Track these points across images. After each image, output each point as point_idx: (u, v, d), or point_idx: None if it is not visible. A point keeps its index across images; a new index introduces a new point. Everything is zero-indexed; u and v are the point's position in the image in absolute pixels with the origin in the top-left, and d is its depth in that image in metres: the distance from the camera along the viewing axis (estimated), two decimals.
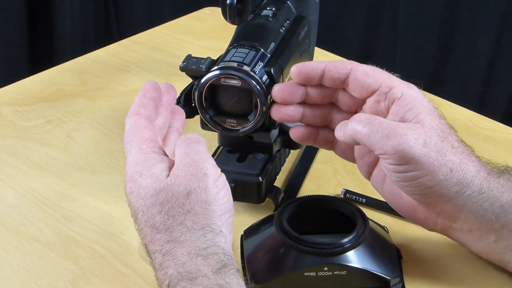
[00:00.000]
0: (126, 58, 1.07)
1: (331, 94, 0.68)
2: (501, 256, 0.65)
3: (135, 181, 0.62)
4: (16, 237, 0.74)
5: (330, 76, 0.65)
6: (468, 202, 0.62)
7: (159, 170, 0.61)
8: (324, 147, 0.71)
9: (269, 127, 0.72)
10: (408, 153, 0.61)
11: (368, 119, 0.63)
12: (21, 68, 1.82)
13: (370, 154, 0.68)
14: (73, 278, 0.69)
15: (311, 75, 0.66)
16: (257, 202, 0.75)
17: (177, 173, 0.61)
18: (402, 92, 0.64)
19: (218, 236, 0.59)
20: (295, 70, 0.66)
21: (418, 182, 0.62)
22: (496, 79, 1.85)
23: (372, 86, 0.64)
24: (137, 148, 0.63)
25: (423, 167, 0.61)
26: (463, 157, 0.62)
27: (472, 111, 0.95)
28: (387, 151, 0.61)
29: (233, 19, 0.68)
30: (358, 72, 0.65)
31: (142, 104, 0.66)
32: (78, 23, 1.85)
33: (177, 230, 0.59)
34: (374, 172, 0.68)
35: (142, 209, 0.61)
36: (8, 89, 0.99)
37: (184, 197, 0.60)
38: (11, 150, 0.87)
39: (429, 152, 0.61)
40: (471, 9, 1.79)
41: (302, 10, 0.80)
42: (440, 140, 0.62)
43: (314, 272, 0.63)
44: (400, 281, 0.65)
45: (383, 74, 0.65)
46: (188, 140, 0.63)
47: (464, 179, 0.62)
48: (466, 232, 0.65)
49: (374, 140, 0.62)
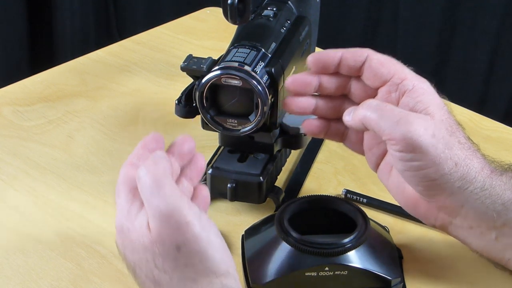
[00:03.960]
0: (127, 58, 1.07)
1: (344, 85, 0.68)
2: (502, 255, 0.65)
3: (125, 235, 0.58)
4: (16, 237, 0.73)
5: (347, 63, 0.66)
6: (470, 198, 0.63)
7: (140, 223, 0.57)
8: (334, 139, 0.71)
9: (270, 127, 0.72)
10: (416, 141, 0.61)
11: (379, 105, 0.63)
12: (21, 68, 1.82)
13: (379, 146, 0.68)
14: (74, 278, 0.68)
15: (328, 63, 0.67)
16: (258, 202, 0.75)
17: (158, 230, 0.56)
18: (414, 84, 0.64)
19: (226, 279, 0.57)
20: (312, 58, 0.67)
21: (423, 173, 0.62)
22: (496, 79, 1.85)
23: (385, 75, 0.65)
24: (123, 199, 0.59)
25: (429, 158, 0.61)
26: (469, 153, 0.63)
27: (472, 111, 0.95)
28: (396, 137, 0.61)
29: (234, 19, 0.68)
30: (373, 60, 0.65)
31: (138, 155, 0.61)
32: (78, 23, 1.85)
33: (181, 283, 0.56)
34: (382, 164, 0.69)
35: (139, 264, 0.58)
36: (8, 89, 0.99)
37: (174, 251, 0.56)
38: (12, 150, 0.87)
39: (437, 144, 0.61)
40: (471, 9, 1.80)
41: (303, 10, 0.80)
42: (448, 134, 0.62)
43: (315, 272, 0.63)
44: (401, 281, 0.65)
45: (397, 65, 0.66)
46: (142, 180, 0.57)
47: (467, 175, 0.62)
48: (466, 228, 0.65)
49: (383, 125, 0.62)
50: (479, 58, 1.83)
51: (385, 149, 0.68)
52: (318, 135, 0.70)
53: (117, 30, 1.92)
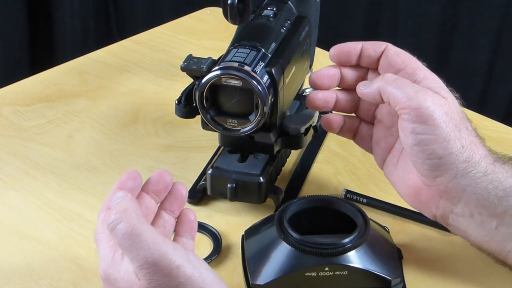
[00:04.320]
0: (127, 58, 1.07)
1: (363, 77, 0.71)
2: (502, 246, 0.65)
3: (112, 284, 0.57)
4: (16, 237, 0.74)
5: (367, 54, 0.70)
6: (472, 182, 0.64)
7: (127, 271, 0.56)
8: (346, 136, 0.74)
9: (270, 127, 0.72)
10: (431, 112, 0.63)
11: (397, 78, 0.66)
12: (22, 68, 1.82)
13: (387, 139, 0.71)
14: (74, 278, 0.68)
15: (351, 53, 0.70)
16: (258, 202, 0.75)
17: (149, 278, 0.54)
18: (425, 74, 0.68)
19: None
20: (335, 50, 0.71)
21: (432, 148, 0.63)
22: (496, 79, 1.85)
23: (398, 64, 0.68)
24: (105, 247, 0.58)
25: (440, 133, 0.63)
26: (475, 139, 0.65)
27: (472, 111, 0.95)
28: (412, 105, 0.63)
29: (234, 19, 0.68)
30: (390, 50, 0.70)
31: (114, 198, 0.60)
32: (78, 23, 1.85)
33: None
34: (388, 157, 0.71)
35: None
36: (8, 89, 0.99)
37: None
38: (12, 150, 0.87)
39: (449, 122, 0.64)
40: (471, 9, 1.79)
41: (303, 10, 0.80)
42: (458, 118, 0.65)
43: (315, 272, 0.63)
44: (401, 281, 0.65)
45: (411, 58, 0.69)
46: (123, 236, 0.55)
47: (472, 158, 0.64)
48: (467, 217, 0.65)
49: (400, 95, 0.64)
50: (479, 58, 1.83)
51: (392, 143, 0.70)
52: (334, 130, 0.73)
53: (117, 30, 1.92)
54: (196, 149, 0.86)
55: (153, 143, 0.88)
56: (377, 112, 0.72)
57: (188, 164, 0.84)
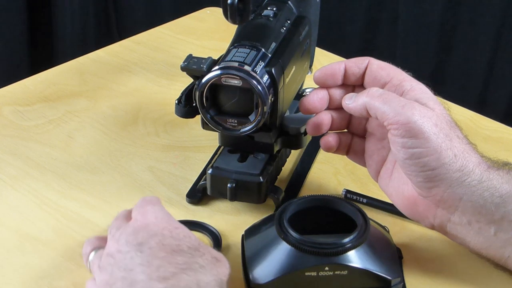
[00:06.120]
0: (127, 58, 1.07)
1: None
2: (501, 252, 0.65)
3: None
4: (16, 237, 0.74)
5: (352, 72, 0.70)
6: (468, 191, 0.63)
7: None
8: (340, 153, 0.74)
9: (270, 127, 0.72)
10: (420, 126, 0.63)
11: (383, 92, 0.66)
12: (22, 68, 1.82)
13: (379, 151, 0.70)
14: (74, 278, 0.68)
15: (336, 74, 0.70)
16: (258, 202, 0.75)
17: None
18: (412, 85, 0.67)
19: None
20: (319, 73, 0.70)
21: (424, 161, 0.63)
22: (496, 79, 1.85)
23: (384, 78, 0.68)
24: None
25: (431, 145, 0.63)
26: (467, 147, 0.65)
27: (472, 111, 0.95)
28: (400, 120, 0.63)
29: (234, 19, 0.68)
30: (373, 65, 0.69)
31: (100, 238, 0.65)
32: (78, 23, 1.86)
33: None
34: (382, 170, 0.70)
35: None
36: (8, 89, 0.99)
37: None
38: (12, 150, 0.87)
39: (439, 133, 0.63)
40: (471, 9, 1.79)
41: (303, 10, 0.80)
42: (448, 127, 0.64)
43: (315, 272, 0.63)
44: (401, 281, 0.65)
45: (396, 69, 0.69)
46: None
47: (465, 167, 0.63)
48: (465, 225, 0.65)
49: (387, 110, 0.64)
50: (479, 58, 1.83)
51: (385, 155, 0.70)
52: (331, 150, 0.73)
53: (117, 30, 1.92)
54: (196, 149, 0.87)
55: (153, 143, 0.88)
56: (368, 126, 0.72)
57: (188, 164, 0.84)
